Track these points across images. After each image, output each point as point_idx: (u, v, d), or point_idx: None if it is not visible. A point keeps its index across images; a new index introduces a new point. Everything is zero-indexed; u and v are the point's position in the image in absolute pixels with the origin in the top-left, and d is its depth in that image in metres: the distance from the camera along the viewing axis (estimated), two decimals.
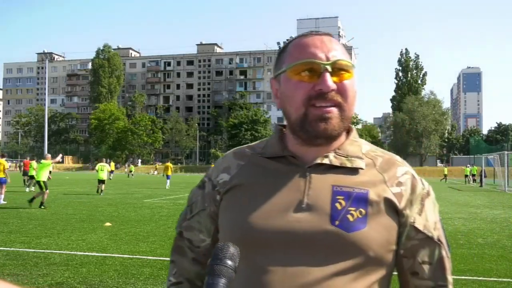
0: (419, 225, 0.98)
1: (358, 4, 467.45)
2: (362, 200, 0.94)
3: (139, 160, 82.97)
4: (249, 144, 1.12)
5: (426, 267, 0.99)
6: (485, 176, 35.65)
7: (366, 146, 1.05)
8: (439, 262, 1.00)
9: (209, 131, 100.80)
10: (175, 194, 20.65)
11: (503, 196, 23.19)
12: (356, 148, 1.02)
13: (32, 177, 21.40)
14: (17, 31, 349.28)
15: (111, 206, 14.70)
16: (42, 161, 15.38)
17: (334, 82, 0.94)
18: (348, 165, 0.98)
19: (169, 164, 27.76)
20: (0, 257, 6.74)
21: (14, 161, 79.73)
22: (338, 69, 0.95)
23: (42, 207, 13.84)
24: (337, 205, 0.93)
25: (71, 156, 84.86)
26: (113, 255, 6.96)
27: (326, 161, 0.98)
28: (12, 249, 7.34)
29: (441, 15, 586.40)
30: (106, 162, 23.01)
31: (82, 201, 16.28)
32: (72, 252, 7.12)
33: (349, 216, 0.92)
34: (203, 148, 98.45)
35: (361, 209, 0.93)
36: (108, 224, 10.25)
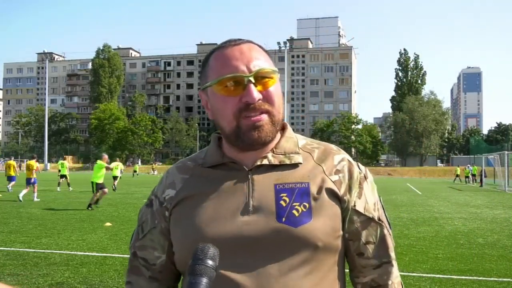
0: (360, 207, 1.03)
1: (358, 4, 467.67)
2: (304, 194, 0.98)
3: (139, 160, 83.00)
4: (190, 156, 1.14)
5: (370, 247, 1.04)
6: (485, 176, 35.65)
7: (302, 140, 1.09)
8: (382, 241, 1.05)
9: (209, 131, 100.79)
10: None
11: (503, 196, 23.18)
12: (292, 144, 1.06)
13: (64, 176, 22.99)
14: (17, 31, 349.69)
15: (111, 206, 14.70)
16: (98, 161, 14.74)
17: (260, 91, 0.98)
18: (287, 162, 1.02)
19: None
20: (0, 257, 6.74)
21: (14, 161, 79.78)
22: (261, 78, 0.98)
23: (89, 208, 13.41)
24: (282, 202, 0.97)
25: (71, 156, 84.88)
26: (113, 255, 6.95)
27: (265, 161, 1.01)
28: (12, 249, 7.34)
29: (441, 15, 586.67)
30: (119, 162, 26.24)
31: (82, 201, 16.26)
32: (72, 252, 7.13)
33: (294, 212, 0.96)
34: (203, 148, 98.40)
35: (304, 203, 0.97)
36: (108, 224, 10.25)
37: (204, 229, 0.99)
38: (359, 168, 1.07)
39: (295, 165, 1.02)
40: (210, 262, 0.80)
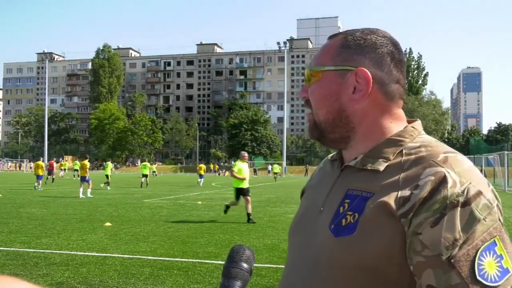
0: (426, 238, 0.79)
1: (358, 4, 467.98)
2: (361, 204, 0.88)
3: (139, 160, 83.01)
4: None
5: None
6: (484, 176, 35.69)
7: (414, 143, 0.92)
8: None
9: (209, 131, 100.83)
10: (175, 194, 20.67)
11: (503, 196, 23.18)
12: (391, 148, 0.93)
13: (106, 176, 25.09)
14: (17, 31, 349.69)
15: (111, 206, 14.70)
16: (238, 162, 11.47)
17: (308, 88, 1.00)
18: (368, 167, 0.92)
19: (202, 165, 33.34)
20: (0, 257, 6.75)
21: (14, 161, 79.86)
22: (310, 76, 0.98)
23: (250, 221, 10.87)
24: (341, 208, 0.90)
25: (71, 156, 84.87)
26: (113, 255, 6.95)
27: (352, 163, 0.95)
28: (12, 249, 7.34)
29: (441, 15, 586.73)
30: (146, 162, 28.95)
31: (82, 201, 16.28)
32: (72, 252, 7.12)
33: (343, 220, 0.88)
34: (203, 148, 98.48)
35: (356, 214, 0.87)
36: (108, 224, 10.25)
37: (293, 220, 1.04)
38: (463, 192, 0.80)
39: (375, 171, 0.91)
40: (244, 265, 0.78)
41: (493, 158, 37.53)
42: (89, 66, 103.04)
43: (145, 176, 26.92)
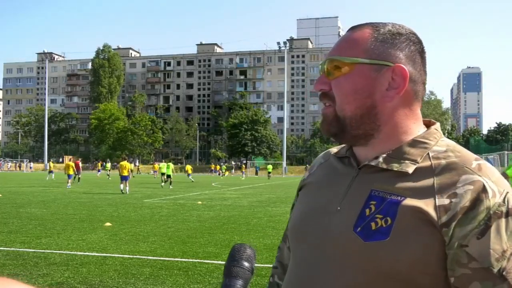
0: (473, 250, 0.77)
1: (358, 4, 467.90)
2: (392, 208, 0.83)
3: (137, 160, 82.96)
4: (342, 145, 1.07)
5: None
6: None
7: (440, 147, 0.89)
8: None
9: (209, 131, 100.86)
10: (175, 194, 20.66)
11: None
12: (417, 149, 0.89)
13: (169, 176, 27.79)
14: (17, 31, 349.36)
15: (111, 206, 14.70)
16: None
17: (330, 81, 0.92)
18: (395, 168, 0.87)
19: (189, 166, 37.32)
20: (0, 257, 6.75)
21: (14, 161, 79.88)
22: (333, 68, 0.92)
23: None
24: (367, 210, 0.86)
25: (71, 156, 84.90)
26: (113, 255, 6.95)
27: (373, 162, 0.90)
28: (12, 249, 7.34)
29: (441, 15, 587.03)
30: (168, 162, 31.32)
31: (82, 201, 16.27)
32: (72, 252, 7.12)
33: (373, 224, 0.83)
34: (203, 148, 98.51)
35: (388, 218, 0.82)
36: (108, 224, 10.25)
37: (298, 217, 0.99)
38: (504, 201, 0.79)
39: (402, 173, 0.87)
40: (245, 264, 0.78)
41: (493, 158, 37.59)
42: (89, 66, 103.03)
43: (169, 176, 29.24)
